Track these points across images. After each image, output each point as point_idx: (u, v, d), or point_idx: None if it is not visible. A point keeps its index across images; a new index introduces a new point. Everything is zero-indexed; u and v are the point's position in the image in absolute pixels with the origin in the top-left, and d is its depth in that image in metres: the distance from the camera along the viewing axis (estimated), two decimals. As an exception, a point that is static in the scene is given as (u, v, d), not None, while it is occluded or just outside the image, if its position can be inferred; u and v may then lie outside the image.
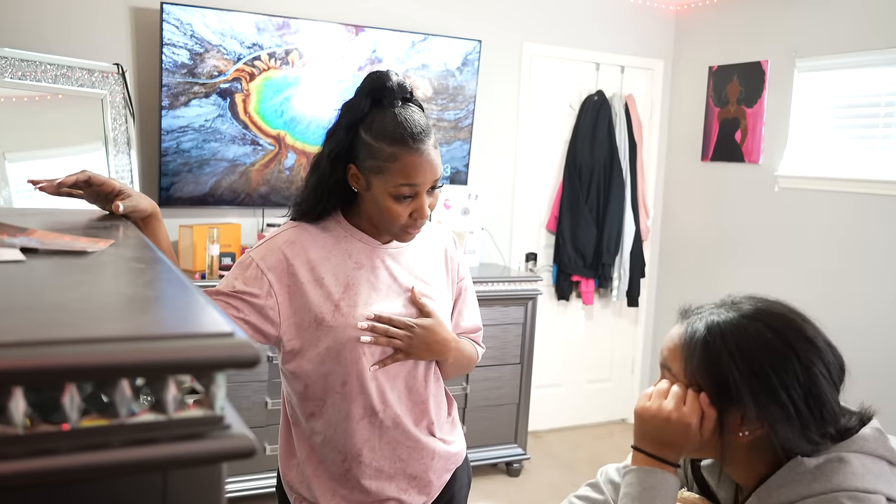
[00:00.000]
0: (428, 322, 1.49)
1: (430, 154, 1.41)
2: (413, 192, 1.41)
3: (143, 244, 0.91)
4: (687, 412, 1.10)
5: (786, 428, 1.05)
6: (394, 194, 1.41)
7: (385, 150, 1.39)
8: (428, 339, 1.48)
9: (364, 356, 1.45)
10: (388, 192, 1.41)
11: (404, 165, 1.39)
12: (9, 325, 0.50)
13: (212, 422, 0.50)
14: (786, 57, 3.88)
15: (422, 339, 1.48)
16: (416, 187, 1.41)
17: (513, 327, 3.74)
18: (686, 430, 1.10)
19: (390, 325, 1.45)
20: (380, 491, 1.51)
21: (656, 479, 1.10)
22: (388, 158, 1.39)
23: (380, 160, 1.40)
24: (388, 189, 1.41)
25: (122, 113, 3.14)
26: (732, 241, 4.21)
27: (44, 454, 0.44)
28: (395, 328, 1.46)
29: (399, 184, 1.40)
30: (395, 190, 1.40)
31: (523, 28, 4.15)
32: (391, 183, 1.40)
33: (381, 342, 1.44)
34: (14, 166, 2.88)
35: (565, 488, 3.72)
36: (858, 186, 3.55)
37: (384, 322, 1.45)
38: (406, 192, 1.41)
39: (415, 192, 1.41)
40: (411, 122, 1.40)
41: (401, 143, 1.39)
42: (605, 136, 4.28)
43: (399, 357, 1.48)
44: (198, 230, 3.28)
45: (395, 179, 1.40)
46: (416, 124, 1.41)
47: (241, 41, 3.30)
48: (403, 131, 1.39)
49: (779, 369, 1.05)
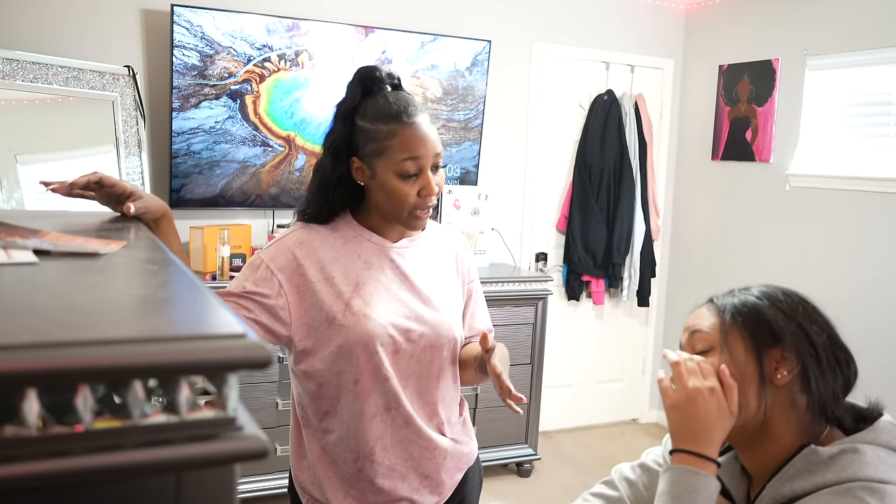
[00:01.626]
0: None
1: (426, 127, 1.45)
2: (417, 167, 1.43)
3: (155, 246, 0.91)
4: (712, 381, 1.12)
5: (816, 368, 1.11)
6: (398, 172, 1.42)
7: (382, 130, 1.42)
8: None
9: (376, 353, 1.45)
10: (393, 170, 1.43)
11: (403, 140, 1.42)
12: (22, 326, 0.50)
13: (224, 423, 0.49)
14: (796, 55, 3.86)
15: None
16: (419, 160, 1.43)
17: (523, 327, 3.73)
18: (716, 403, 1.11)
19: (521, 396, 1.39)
20: (392, 490, 1.51)
21: (699, 481, 1.08)
22: (387, 136, 1.42)
23: (378, 141, 1.42)
24: (393, 167, 1.43)
25: (132, 115, 3.15)
26: (743, 240, 4.19)
27: (57, 456, 0.45)
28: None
29: (402, 159, 1.42)
30: (399, 167, 1.42)
31: (533, 28, 4.14)
32: (394, 160, 1.42)
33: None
34: (25, 168, 2.90)
35: (576, 489, 3.71)
36: (869, 185, 3.52)
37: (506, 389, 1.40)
38: (410, 167, 1.42)
39: (419, 168, 1.43)
40: (402, 100, 1.45)
41: (395, 119, 1.42)
42: (615, 136, 4.27)
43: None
44: (208, 231, 3.29)
45: (397, 156, 1.42)
46: (409, 101, 1.45)
47: (252, 43, 3.31)
48: (397, 108, 1.43)
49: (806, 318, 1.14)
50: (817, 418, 1.12)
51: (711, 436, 1.11)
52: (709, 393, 1.11)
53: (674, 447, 1.14)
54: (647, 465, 1.35)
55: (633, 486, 1.34)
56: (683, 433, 1.12)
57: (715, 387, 1.11)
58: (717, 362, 1.14)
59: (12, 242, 0.80)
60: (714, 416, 1.11)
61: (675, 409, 1.13)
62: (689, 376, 1.13)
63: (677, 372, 1.15)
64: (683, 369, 1.14)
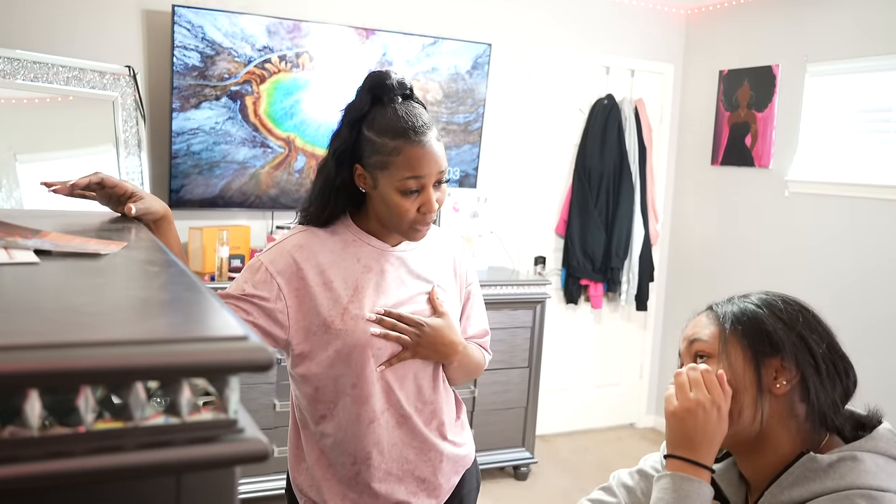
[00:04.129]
0: (438, 322, 1.49)
1: (433, 146, 1.43)
2: (419, 185, 1.42)
3: (156, 247, 0.91)
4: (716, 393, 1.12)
5: (815, 378, 1.11)
6: (400, 189, 1.42)
7: (388, 145, 1.41)
8: (436, 339, 1.48)
9: (373, 358, 1.45)
10: (395, 186, 1.42)
11: (408, 158, 1.40)
12: (24, 327, 0.50)
13: (225, 425, 0.50)
14: (797, 61, 3.87)
15: (430, 339, 1.48)
16: (421, 180, 1.42)
17: (521, 331, 3.73)
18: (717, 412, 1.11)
19: (400, 321, 1.46)
20: (389, 494, 1.50)
21: (693, 488, 1.09)
22: (392, 152, 1.41)
23: (384, 155, 1.41)
24: (395, 183, 1.42)
25: (132, 115, 3.15)
26: (742, 246, 4.19)
27: (58, 456, 0.45)
28: (405, 324, 1.46)
29: (404, 177, 1.41)
30: (401, 184, 1.41)
31: (534, 31, 4.15)
32: (396, 177, 1.41)
33: (389, 337, 1.45)
34: (25, 167, 2.90)
35: (573, 492, 3.71)
36: (869, 192, 3.53)
37: (393, 318, 1.45)
38: (412, 185, 1.42)
39: (421, 186, 1.43)
40: (412, 116, 1.43)
41: (403, 136, 1.40)
42: (615, 140, 4.28)
43: (405, 356, 1.48)
44: (207, 232, 3.28)
45: (401, 173, 1.41)
46: (418, 117, 1.43)
47: (252, 44, 3.31)
48: (405, 125, 1.41)
49: (806, 327, 1.14)
50: (817, 427, 1.12)
51: (708, 446, 1.12)
52: (710, 404, 1.11)
53: (669, 452, 1.14)
54: (645, 471, 1.35)
55: (631, 493, 1.34)
56: (680, 441, 1.13)
57: (717, 399, 1.11)
58: (714, 369, 1.14)
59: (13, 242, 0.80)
60: (713, 427, 1.11)
61: (675, 417, 1.14)
62: (692, 387, 1.13)
63: (679, 382, 1.15)
64: (685, 379, 1.14)
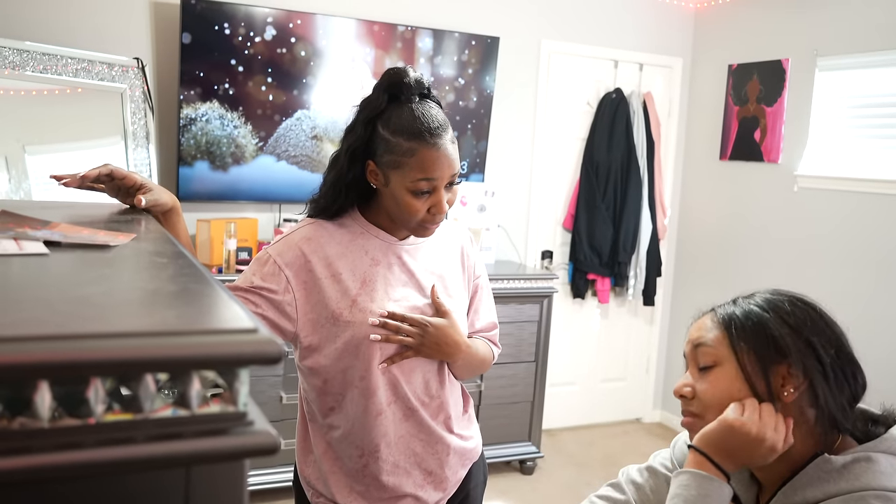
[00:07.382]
0: (441, 322, 1.49)
1: (448, 149, 1.42)
2: (431, 186, 1.42)
3: (165, 238, 0.91)
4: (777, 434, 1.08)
5: (823, 384, 1.08)
6: (412, 189, 1.41)
7: (402, 145, 1.40)
8: (439, 339, 1.48)
9: (381, 350, 1.45)
10: (406, 186, 1.41)
11: (421, 160, 1.39)
12: (34, 318, 0.50)
13: (235, 418, 0.50)
14: (807, 55, 3.84)
15: (433, 339, 1.48)
16: (433, 182, 1.41)
17: (528, 325, 3.73)
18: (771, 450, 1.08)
19: (403, 323, 1.46)
20: (396, 487, 1.51)
21: (714, 488, 1.08)
22: (406, 153, 1.40)
23: (397, 155, 1.40)
24: (406, 184, 1.41)
25: (141, 107, 3.16)
26: (750, 240, 4.18)
27: (68, 448, 0.45)
28: (408, 326, 1.46)
29: (417, 178, 1.40)
30: (413, 185, 1.41)
31: (541, 25, 4.13)
32: (409, 178, 1.40)
33: (392, 340, 1.45)
34: (34, 159, 2.91)
35: (579, 487, 3.71)
36: (879, 187, 3.51)
37: (397, 319, 1.45)
38: (424, 186, 1.41)
39: (432, 187, 1.42)
40: (428, 117, 1.41)
41: (418, 137, 1.39)
42: (623, 134, 4.26)
43: (409, 354, 1.48)
44: (215, 224, 3.29)
45: (413, 174, 1.40)
46: (434, 119, 1.41)
47: (260, 35, 3.31)
48: (421, 126, 1.40)
49: (814, 331, 1.11)
50: (828, 429, 1.11)
51: (737, 465, 1.11)
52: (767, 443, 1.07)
53: (699, 446, 1.12)
54: (654, 468, 1.34)
55: (640, 490, 1.33)
56: (719, 446, 1.10)
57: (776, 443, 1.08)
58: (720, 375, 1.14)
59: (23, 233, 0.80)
60: (752, 459, 1.10)
61: (730, 427, 1.09)
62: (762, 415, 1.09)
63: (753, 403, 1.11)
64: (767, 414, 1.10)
